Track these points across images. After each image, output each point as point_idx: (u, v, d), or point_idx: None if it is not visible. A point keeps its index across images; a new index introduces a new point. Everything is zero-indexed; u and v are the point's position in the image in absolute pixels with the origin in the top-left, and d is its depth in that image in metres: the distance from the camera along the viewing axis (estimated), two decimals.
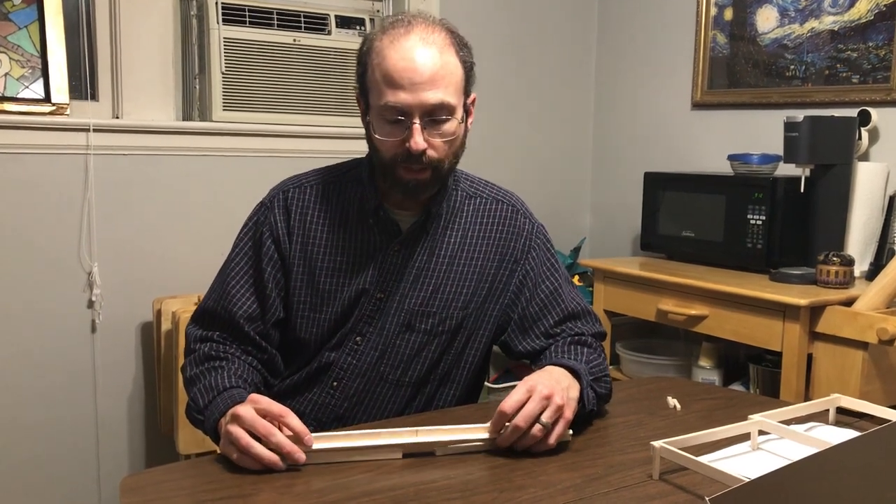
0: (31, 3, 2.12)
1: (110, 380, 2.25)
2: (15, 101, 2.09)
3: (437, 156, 1.26)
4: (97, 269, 2.18)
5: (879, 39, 2.23)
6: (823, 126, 2.09)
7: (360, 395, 1.35)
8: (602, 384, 1.29)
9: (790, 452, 1.12)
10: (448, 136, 1.26)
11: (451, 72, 1.24)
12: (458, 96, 1.26)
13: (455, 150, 1.30)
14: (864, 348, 1.80)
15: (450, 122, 1.25)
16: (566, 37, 3.00)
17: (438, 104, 1.23)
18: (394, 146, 1.25)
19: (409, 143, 1.22)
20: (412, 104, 1.21)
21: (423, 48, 1.22)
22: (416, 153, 1.23)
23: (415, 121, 1.22)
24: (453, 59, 1.25)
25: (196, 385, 1.24)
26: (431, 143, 1.25)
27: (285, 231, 1.34)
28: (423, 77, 1.21)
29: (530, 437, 1.11)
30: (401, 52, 1.22)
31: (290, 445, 1.06)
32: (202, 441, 2.05)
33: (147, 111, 2.29)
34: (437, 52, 1.23)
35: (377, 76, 1.24)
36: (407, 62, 1.21)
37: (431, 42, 1.23)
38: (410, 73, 1.21)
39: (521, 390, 1.13)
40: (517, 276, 1.40)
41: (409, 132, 1.23)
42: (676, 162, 2.74)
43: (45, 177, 2.11)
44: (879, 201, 2.18)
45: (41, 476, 2.17)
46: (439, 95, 1.22)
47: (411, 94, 1.21)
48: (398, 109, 1.22)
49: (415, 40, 1.23)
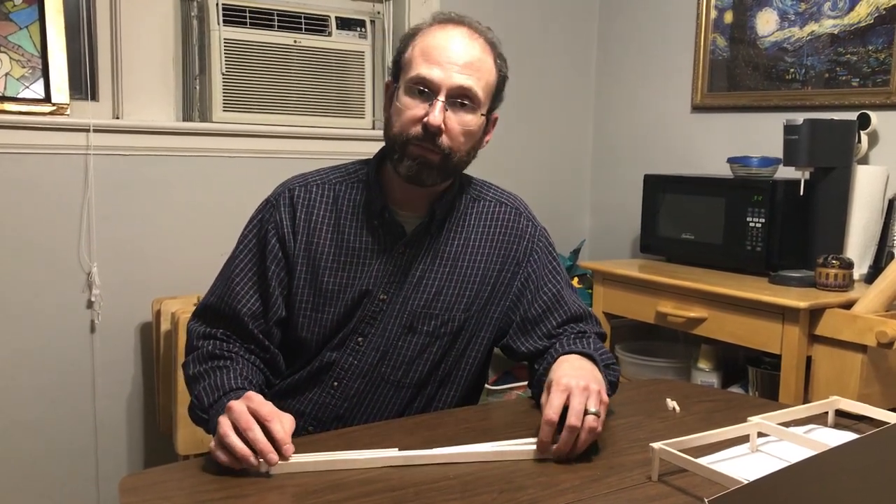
0: (32, 4, 2.12)
1: (109, 380, 2.25)
2: (15, 101, 2.10)
3: (451, 144, 1.28)
4: (97, 270, 2.18)
5: (879, 43, 2.23)
6: (823, 129, 2.09)
7: (360, 396, 1.35)
8: (612, 372, 1.32)
9: (789, 454, 1.12)
10: (467, 125, 1.28)
11: (486, 69, 1.30)
12: (486, 95, 1.30)
13: (468, 146, 1.31)
14: (863, 351, 1.80)
15: (472, 113, 1.28)
16: (566, 39, 3.00)
17: (467, 87, 1.26)
18: (412, 121, 1.27)
19: (427, 118, 1.25)
20: (442, 80, 1.25)
21: (466, 39, 1.29)
22: (432, 128, 1.25)
23: (440, 97, 1.25)
24: (490, 61, 1.31)
25: (200, 383, 1.24)
26: (449, 126, 1.27)
27: (290, 229, 1.34)
28: (459, 61, 1.26)
29: (588, 431, 1.10)
30: (446, 34, 1.29)
31: (264, 444, 1.05)
32: (201, 441, 2.06)
33: (147, 112, 2.29)
34: (479, 48, 1.29)
35: (416, 52, 1.29)
36: (448, 43, 1.27)
37: (475, 38, 1.30)
38: (448, 53, 1.26)
39: (558, 394, 1.12)
40: (519, 278, 1.40)
41: (430, 107, 1.25)
42: (676, 164, 2.75)
43: (45, 177, 2.11)
44: (879, 204, 2.18)
45: (40, 476, 2.17)
46: (470, 81, 1.27)
47: (444, 72, 1.25)
48: (427, 82, 1.26)
49: (462, 31, 1.29)
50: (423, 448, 1.11)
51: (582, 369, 1.20)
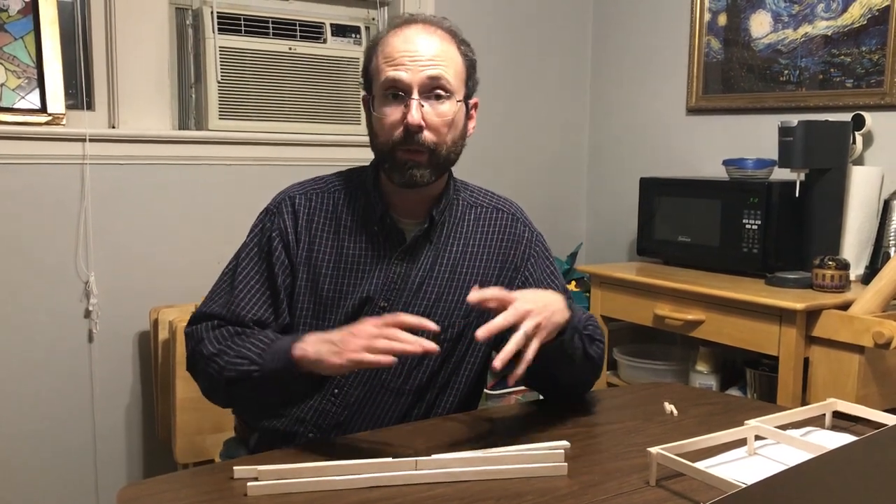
0: (27, 14, 2.12)
1: (108, 389, 2.25)
2: (11, 111, 2.09)
3: (434, 138, 1.28)
4: (94, 279, 2.18)
5: (872, 44, 2.24)
6: (818, 130, 2.09)
7: (360, 403, 1.35)
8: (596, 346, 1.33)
9: (787, 457, 1.12)
10: (445, 115, 1.28)
11: (450, 57, 1.31)
12: (458, 81, 1.31)
13: (453, 137, 1.31)
14: (860, 352, 1.81)
15: (448, 102, 1.29)
16: (561, 42, 3.01)
17: (436, 76, 1.27)
18: (392, 126, 1.28)
19: (406, 119, 1.26)
20: (411, 78, 1.26)
21: (424, 35, 1.30)
22: (412, 127, 1.26)
23: (413, 97, 1.26)
24: (453, 49, 1.32)
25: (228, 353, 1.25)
26: (429, 121, 1.27)
27: (293, 236, 1.34)
28: (423, 57, 1.27)
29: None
30: (403, 36, 1.30)
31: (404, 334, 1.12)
32: (200, 450, 2.06)
33: (143, 120, 2.29)
34: (438, 39, 1.30)
35: (380, 59, 1.30)
36: (408, 44, 1.28)
37: (432, 32, 1.31)
38: (411, 53, 1.27)
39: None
40: (517, 283, 1.40)
41: (407, 108, 1.26)
42: (672, 167, 2.75)
43: (41, 187, 2.11)
44: (874, 205, 2.19)
45: (39, 485, 2.17)
46: (438, 70, 1.28)
47: (410, 71, 1.26)
48: (397, 85, 1.26)
49: (417, 28, 1.30)
50: (422, 454, 1.11)
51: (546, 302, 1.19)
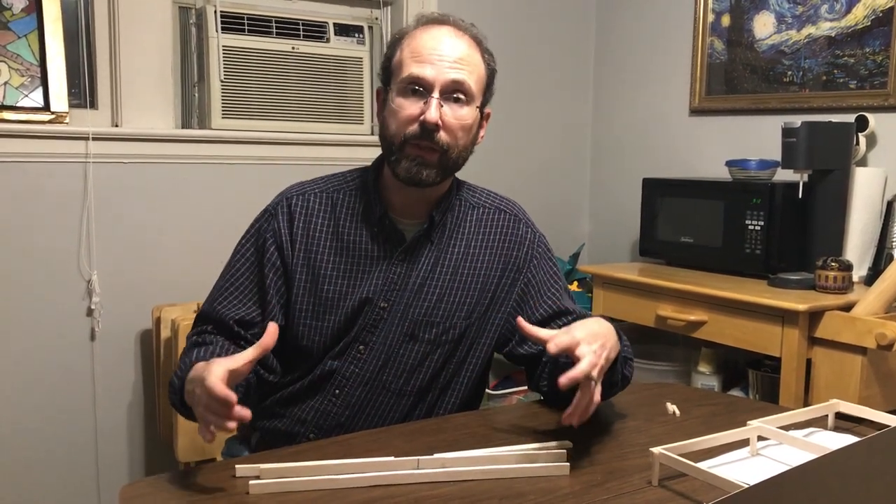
0: (31, 12, 2.12)
1: (110, 387, 2.25)
2: (14, 109, 2.10)
3: (449, 140, 1.28)
4: (96, 277, 2.18)
5: (876, 45, 2.24)
6: (821, 131, 2.09)
7: (361, 404, 1.35)
8: (628, 367, 1.33)
9: (789, 458, 1.12)
10: (463, 119, 1.29)
11: (475, 63, 1.31)
12: (479, 88, 1.32)
13: (465, 142, 1.32)
14: (862, 353, 1.81)
15: (467, 107, 1.29)
16: (564, 43, 3.01)
17: (460, 81, 1.28)
18: (408, 120, 1.28)
19: (424, 116, 1.26)
20: (435, 77, 1.26)
21: (453, 37, 1.30)
22: (430, 125, 1.25)
23: (434, 94, 1.26)
24: (478, 56, 1.33)
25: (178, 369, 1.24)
26: (446, 122, 1.27)
27: (288, 238, 1.34)
28: (450, 57, 1.28)
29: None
30: (432, 34, 1.30)
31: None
32: (202, 448, 2.06)
33: (146, 119, 2.29)
34: (466, 44, 1.31)
35: (405, 54, 1.29)
36: (436, 42, 1.28)
37: (462, 35, 1.31)
38: (438, 52, 1.27)
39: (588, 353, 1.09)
40: (519, 284, 1.40)
41: (426, 105, 1.26)
42: (675, 168, 2.75)
43: (44, 185, 2.11)
44: (877, 206, 2.19)
45: (41, 484, 2.17)
46: (462, 75, 1.28)
47: (435, 69, 1.26)
48: (420, 82, 1.26)
49: (447, 30, 1.31)
50: (423, 454, 1.11)
51: (599, 327, 1.17)
